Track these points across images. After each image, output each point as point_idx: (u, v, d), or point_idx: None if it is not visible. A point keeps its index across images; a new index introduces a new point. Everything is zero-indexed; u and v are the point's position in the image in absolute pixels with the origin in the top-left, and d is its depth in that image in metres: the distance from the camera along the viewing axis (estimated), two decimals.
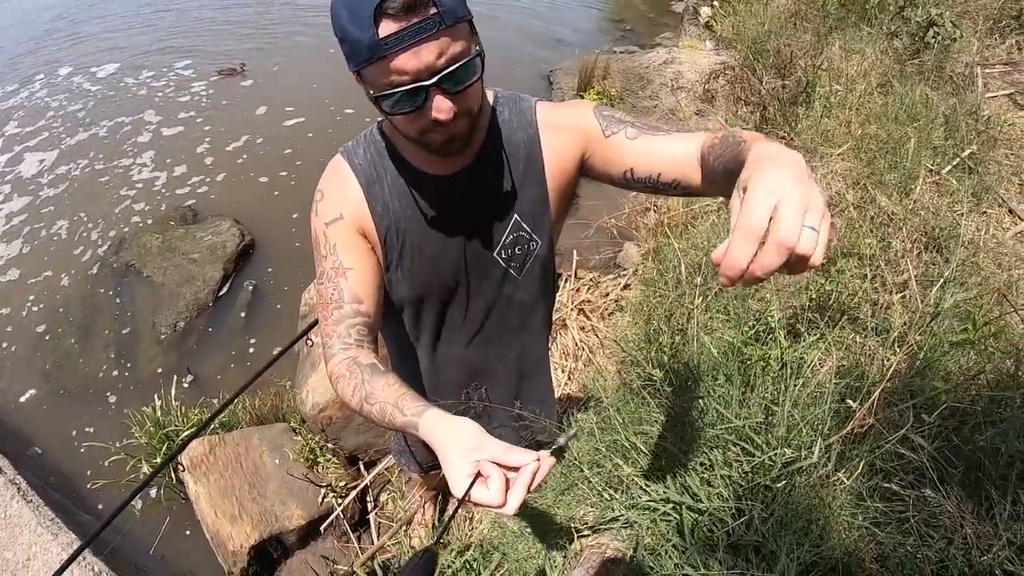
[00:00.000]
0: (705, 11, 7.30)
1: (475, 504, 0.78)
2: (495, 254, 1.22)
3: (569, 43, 7.54)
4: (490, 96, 1.18)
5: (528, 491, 0.78)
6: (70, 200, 5.19)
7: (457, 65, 0.91)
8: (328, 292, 1.13)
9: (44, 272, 4.48)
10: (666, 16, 8.29)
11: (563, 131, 1.16)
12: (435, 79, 0.90)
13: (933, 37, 4.37)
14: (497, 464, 0.78)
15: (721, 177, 0.89)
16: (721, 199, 0.76)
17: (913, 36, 4.53)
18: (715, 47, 6.44)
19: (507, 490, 0.78)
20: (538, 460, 0.79)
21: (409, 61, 0.88)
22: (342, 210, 1.15)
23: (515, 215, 1.19)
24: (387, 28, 0.85)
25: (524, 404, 1.58)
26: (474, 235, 1.20)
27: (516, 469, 0.79)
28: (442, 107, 0.93)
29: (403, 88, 0.90)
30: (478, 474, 0.78)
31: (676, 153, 1.03)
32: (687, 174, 1.03)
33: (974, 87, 4.03)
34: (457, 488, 0.78)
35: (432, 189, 1.15)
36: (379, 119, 1.17)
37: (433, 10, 0.86)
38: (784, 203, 0.57)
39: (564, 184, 1.20)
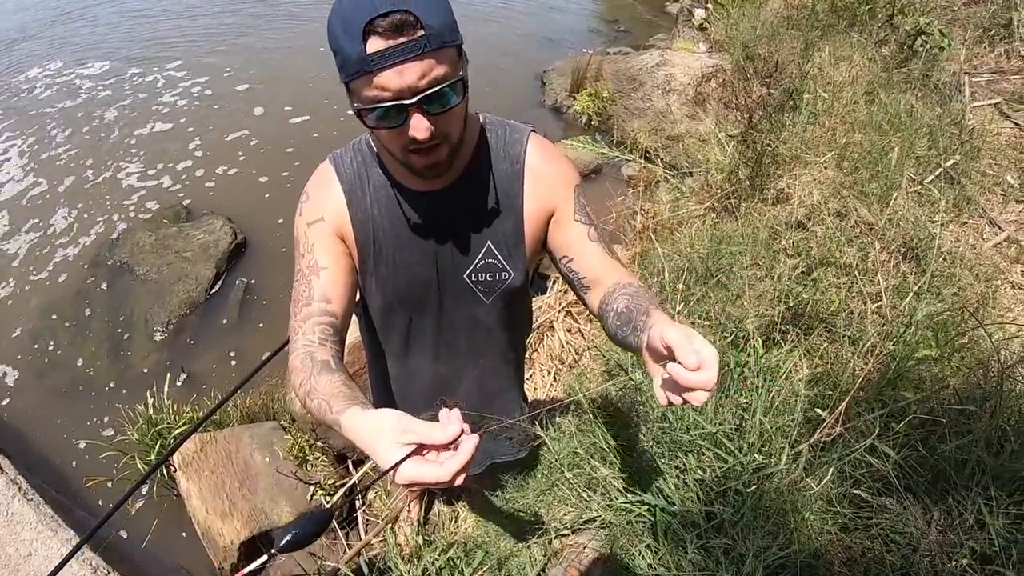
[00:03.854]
0: (699, 13, 7.33)
1: (414, 484, 0.76)
2: (465, 276, 1.25)
3: (562, 44, 7.55)
4: (478, 119, 1.21)
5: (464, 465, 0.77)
6: (62, 198, 5.21)
7: (438, 88, 0.94)
8: (300, 289, 1.17)
9: (36, 270, 4.50)
10: (660, 17, 8.32)
11: (547, 185, 1.21)
12: (416, 99, 0.93)
13: (921, 45, 4.42)
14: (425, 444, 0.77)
15: (613, 310, 1.11)
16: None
17: (901, 44, 4.58)
18: (708, 50, 6.47)
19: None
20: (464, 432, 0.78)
21: (393, 79, 0.91)
22: (324, 212, 1.20)
23: (488, 242, 1.23)
24: (375, 45, 0.89)
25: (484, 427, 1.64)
26: (447, 253, 1.23)
27: (443, 447, 0.78)
28: (420, 127, 0.96)
29: (384, 104, 0.94)
30: (414, 452, 0.76)
31: (606, 276, 1.19)
32: (596, 288, 1.21)
33: (961, 96, 4.07)
34: (401, 469, 0.76)
35: (412, 203, 1.19)
36: (366, 133, 1.21)
37: (420, 32, 0.90)
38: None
39: (538, 228, 1.23)
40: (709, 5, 7.23)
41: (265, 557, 0.68)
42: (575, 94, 6.12)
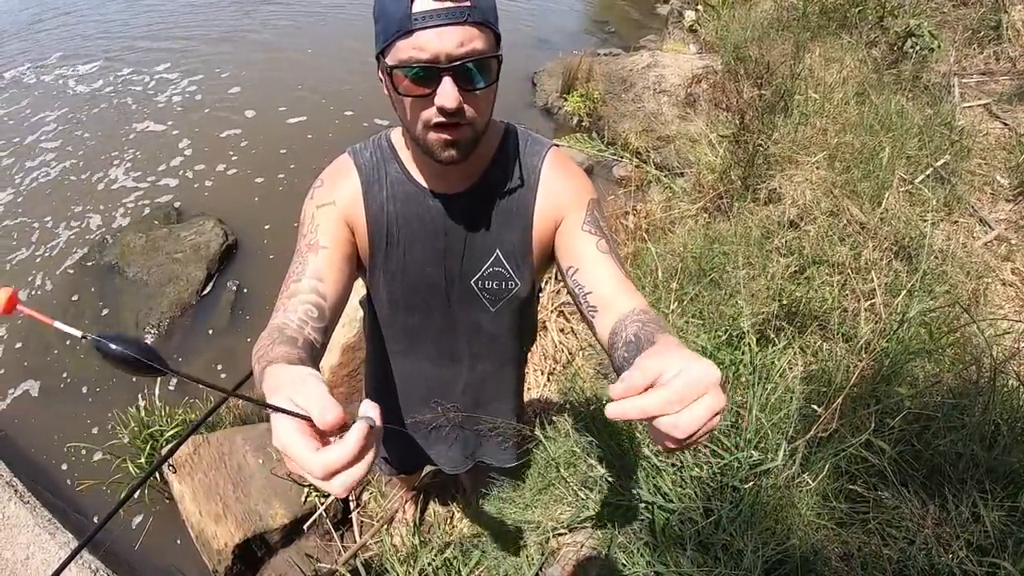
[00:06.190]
0: (689, 15, 7.37)
1: (286, 454, 0.61)
2: (472, 282, 1.25)
3: (553, 45, 7.55)
4: (502, 128, 1.21)
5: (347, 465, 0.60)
6: (52, 199, 5.17)
7: (474, 59, 0.95)
8: (293, 267, 1.13)
9: (25, 272, 4.46)
10: (651, 19, 8.34)
11: (558, 196, 1.18)
12: (450, 65, 0.93)
13: (911, 47, 4.46)
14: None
15: (623, 339, 0.93)
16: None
17: (891, 46, 4.62)
18: (699, 51, 6.50)
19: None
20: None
21: (432, 40, 0.91)
22: (336, 198, 1.19)
23: (497, 251, 1.22)
24: (421, 5, 0.91)
25: (477, 432, 1.65)
26: (457, 257, 1.23)
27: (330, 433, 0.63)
28: (450, 94, 0.94)
29: (418, 64, 0.93)
30: (307, 419, 0.62)
31: (617, 299, 1.05)
32: (604, 313, 1.05)
33: (950, 97, 4.11)
34: (276, 425, 0.62)
35: (428, 202, 1.19)
36: (387, 130, 1.22)
37: (467, 2, 0.92)
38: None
39: (546, 238, 1.22)
40: (699, 7, 7.27)
41: (80, 334, 0.61)
42: (566, 95, 6.13)
